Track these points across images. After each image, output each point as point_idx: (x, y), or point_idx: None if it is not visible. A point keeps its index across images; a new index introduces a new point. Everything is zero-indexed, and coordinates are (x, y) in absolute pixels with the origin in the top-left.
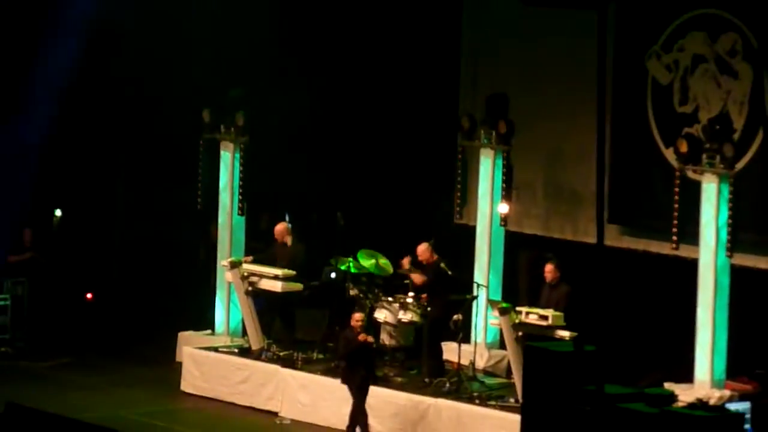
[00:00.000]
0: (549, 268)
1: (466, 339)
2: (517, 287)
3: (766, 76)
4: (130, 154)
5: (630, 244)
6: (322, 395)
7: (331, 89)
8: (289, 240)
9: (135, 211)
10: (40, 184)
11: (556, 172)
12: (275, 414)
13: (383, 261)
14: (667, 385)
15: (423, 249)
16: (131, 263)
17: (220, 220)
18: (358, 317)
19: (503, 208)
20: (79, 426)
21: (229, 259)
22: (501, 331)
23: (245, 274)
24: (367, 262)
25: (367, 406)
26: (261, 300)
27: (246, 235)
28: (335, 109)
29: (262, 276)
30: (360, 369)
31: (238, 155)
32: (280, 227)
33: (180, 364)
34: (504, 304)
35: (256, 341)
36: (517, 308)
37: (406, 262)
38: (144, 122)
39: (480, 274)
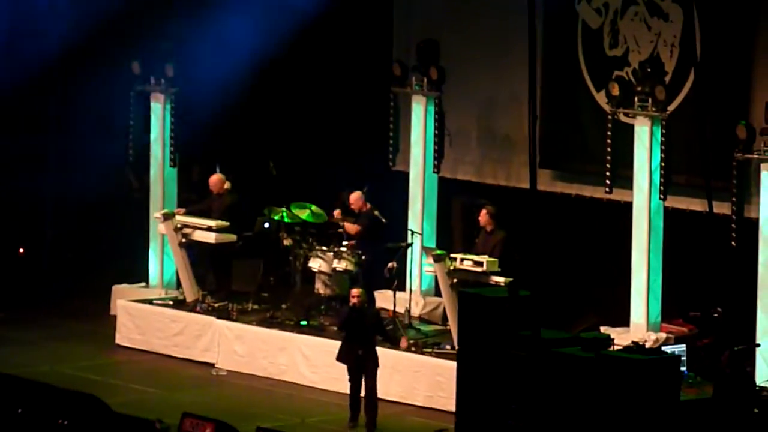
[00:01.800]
0: (483, 214)
1: (401, 287)
2: (452, 234)
3: (695, 17)
4: (61, 106)
5: (563, 188)
6: (258, 346)
7: (263, 36)
8: (223, 191)
9: (66, 164)
10: None
11: (489, 118)
12: (212, 365)
13: (317, 210)
14: (603, 329)
15: (355, 197)
16: (63, 217)
17: (152, 172)
18: (355, 292)
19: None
20: (14, 381)
21: (162, 211)
22: (436, 278)
23: (178, 225)
24: (300, 212)
25: (300, 355)
26: (194, 251)
27: (178, 187)
28: (266, 57)
29: (195, 227)
30: (355, 348)
31: (168, 107)
32: (215, 178)
33: (114, 317)
34: (438, 251)
35: (190, 293)
36: (452, 255)
37: (337, 212)
38: (74, 74)
39: (414, 222)
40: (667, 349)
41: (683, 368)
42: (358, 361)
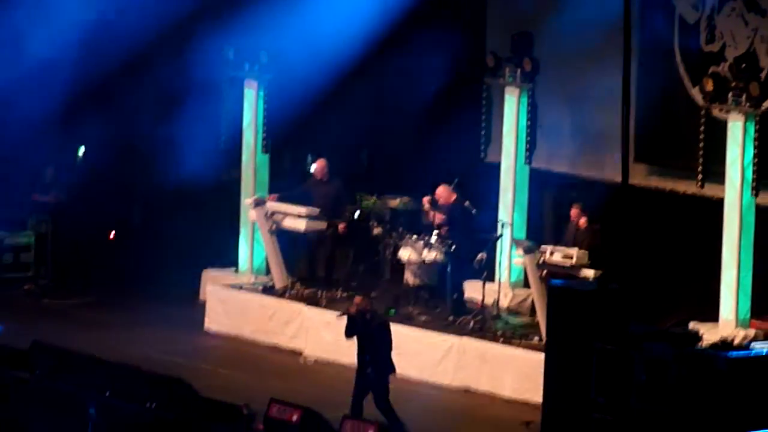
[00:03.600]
0: (575, 210)
1: (491, 278)
2: (542, 226)
3: None
4: (154, 89)
5: (657, 183)
6: None
7: (356, 24)
8: (327, 177)
9: (157, 149)
10: (65, 122)
11: (583, 111)
12: (299, 352)
13: (407, 200)
14: (692, 325)
15: (441, 190)
16: (154, 202)
17: (243, 158)
18: (355, 300)
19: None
20: (104, 364)
21: (253, 197)
22: (525, 269)
23: (269, 212)
24: (390, 201)
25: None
26: (285, 238)
27: (269, 174)
28: (360, 45)
29: (285, 214)
30: (361, 351)
31: (261, 93)
32: (321, 164)
33: (204, 302)
34: (528, 243)
35: (280, 279)
36: (542, 247)
37: (426, 200)
38: (167, 61)
39: (504, 213)
40: (756, 345)
41: None
42: (361, 367)
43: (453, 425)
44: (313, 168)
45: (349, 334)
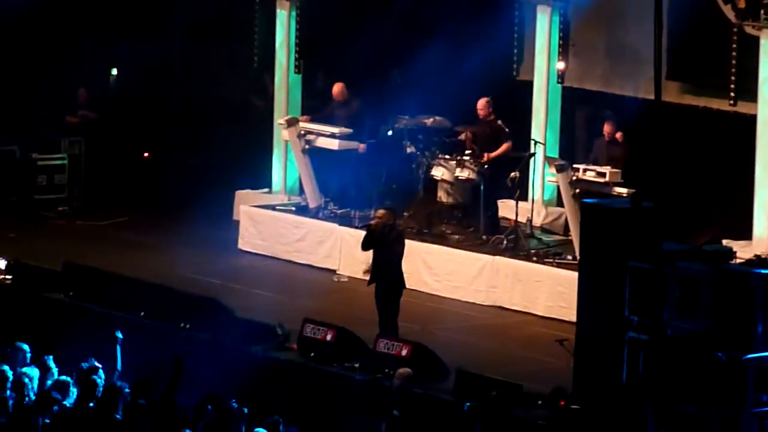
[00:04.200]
0: (608, 125)
1: (524, 196)
2: (575, 144)
3: None
4: (186, 12)
5: (691, 101)
6: None
7: None
8: (346, 98)
9: (191, 70)
10: (96, 44)
11: (617, 29)
12: (333, 271)
13: (439, 119)
14: (725, 242)
15: (482, 104)
16: (188, 122)
17: (276, 78)
18: (378, 213)
19: (560, 64)
20: (136, 284)
21: (286, 117)
22: (558, 188)
23: (302, 132)
24: (424, 120)
25: (422, 263)
26: (319, 157)
27: (302, 94)
28: None
29: (319, 134)
30: (376, 273)
31: (294, 12)
32: (338, 87)
33: (237, 222)
34: (561, 162)
35: (313, 199)
36: (575, 165)
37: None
38: None
39: (537, 132)
40: None
41: None
42: (378, 291)
43: (486, 343)
44: (334, 90)
45: (365, 246)
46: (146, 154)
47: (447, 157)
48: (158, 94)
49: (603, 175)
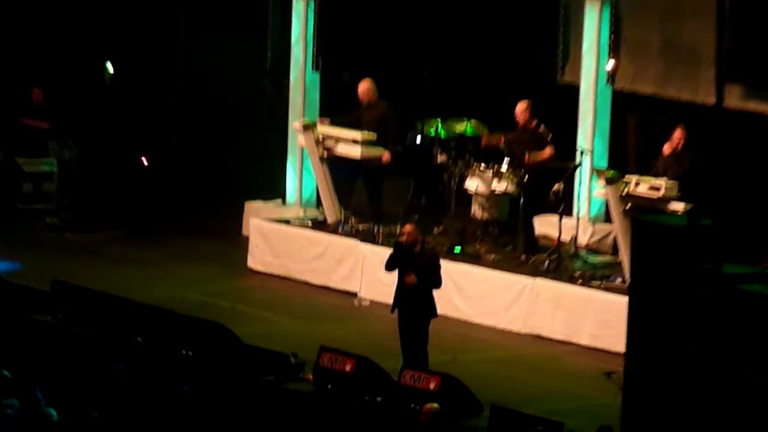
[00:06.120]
0: (679, 131)
1: (568, 211)
2: (626, 154)
3: None
4: (192, 3)
5: (756, 106)
6: None
7: None
8: (374, 100)
9: (196, 68)
10: (85, 35)
11: (673, 27)
12: (353, 295)
13: (475, 124)
14: None
15: (521, 108)
16: (192, 125)
17: (291, 76)
18: (406, 228)
19: (610, 64)
20: (132, 306)
21: (302, 121)
22: (607, 203)
23: (320, 137)
24: (457, 125)
25: (452, 285)
26: (340, 167)
27: (324, 94)
28: None
29: (339, 140)
30: (400, 288)
31: (312, 4)
32: (365, 86)
33: (247, 237)
34: (611, 173)
35: (332, 213)
36: (626, 177)
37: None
38: None
39: (583, 139)
40: None
41: None
42: (402, 318)
43: (524, 376)
44: (359, 90)
45: (390, 265)
46: (144, 160)
47: (483, 166)
48: (159, 93)
49: (657, 188)
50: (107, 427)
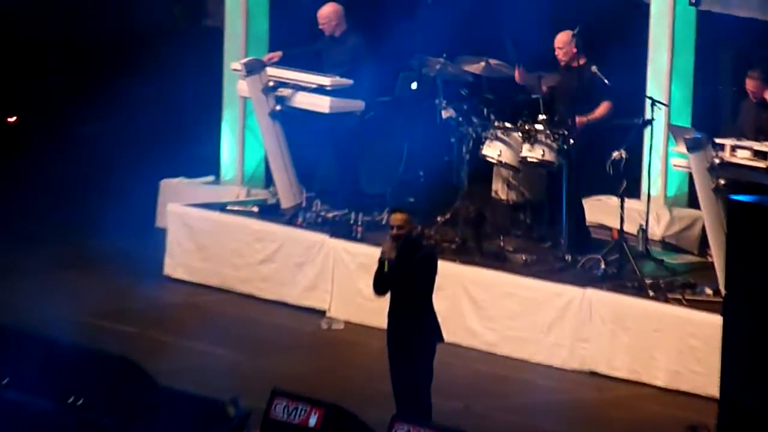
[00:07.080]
0: (750, 80)
1: (633, 191)
2: (719, 106)
3: None
4: None
5: None
6: None
7: None
8: (341, 31)
9: None
10: None
11: None
12: (321, 313)
13: (495, 63)
14: None
15: (564, 40)
16: (83, 68)
17: None
18: (396, 219)
19: None
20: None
21: (245, 60)
22: (690, 177)
23: (270, 83)
24: (469, 67)
25: (466, 300)
26: (299, 127)
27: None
28: None
29: (297, 86)
30: (394, 304)
31: None
32: (330, 8)
33: (163, 231)
34: (695, 134)
35: (288, 194)
36: (717, 140)
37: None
38: None
39: (656, 86)
40: None
41: None
42: (391, 335)
43: None
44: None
45: (379, 286)
46: (12, 119)
47: (507, 125)
48: (36, 23)
49: (764, 155)
50: None
